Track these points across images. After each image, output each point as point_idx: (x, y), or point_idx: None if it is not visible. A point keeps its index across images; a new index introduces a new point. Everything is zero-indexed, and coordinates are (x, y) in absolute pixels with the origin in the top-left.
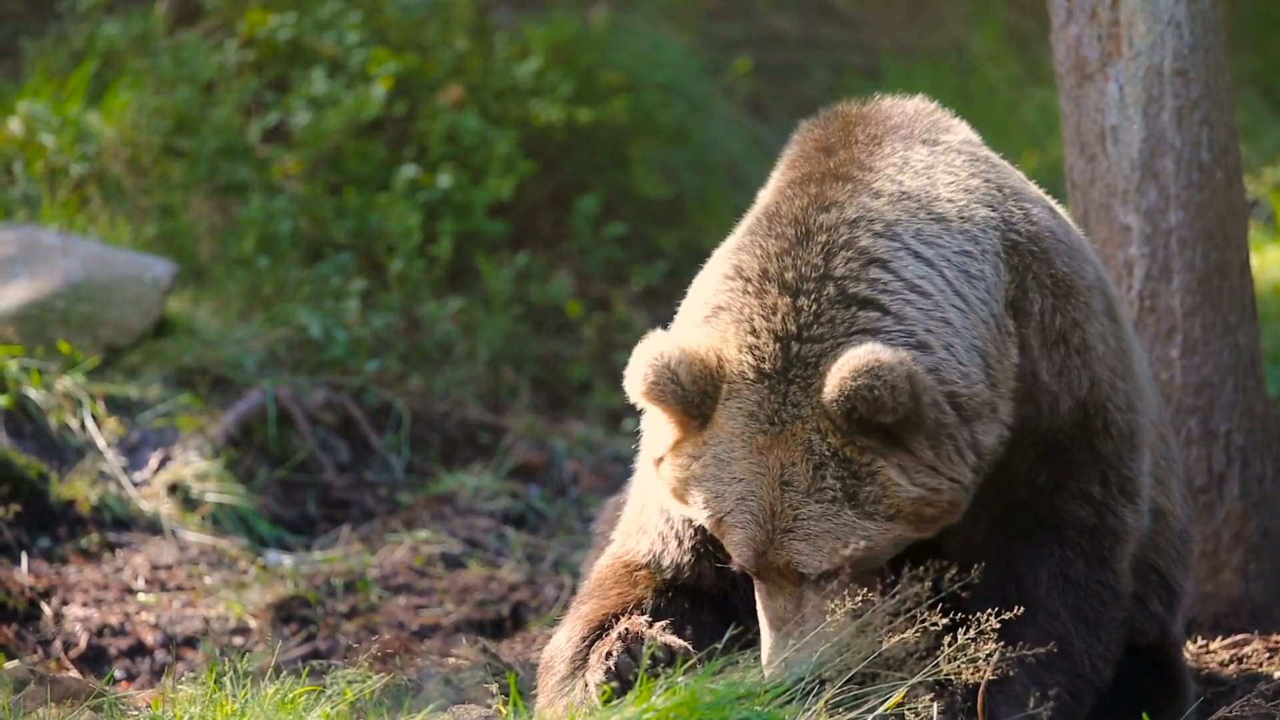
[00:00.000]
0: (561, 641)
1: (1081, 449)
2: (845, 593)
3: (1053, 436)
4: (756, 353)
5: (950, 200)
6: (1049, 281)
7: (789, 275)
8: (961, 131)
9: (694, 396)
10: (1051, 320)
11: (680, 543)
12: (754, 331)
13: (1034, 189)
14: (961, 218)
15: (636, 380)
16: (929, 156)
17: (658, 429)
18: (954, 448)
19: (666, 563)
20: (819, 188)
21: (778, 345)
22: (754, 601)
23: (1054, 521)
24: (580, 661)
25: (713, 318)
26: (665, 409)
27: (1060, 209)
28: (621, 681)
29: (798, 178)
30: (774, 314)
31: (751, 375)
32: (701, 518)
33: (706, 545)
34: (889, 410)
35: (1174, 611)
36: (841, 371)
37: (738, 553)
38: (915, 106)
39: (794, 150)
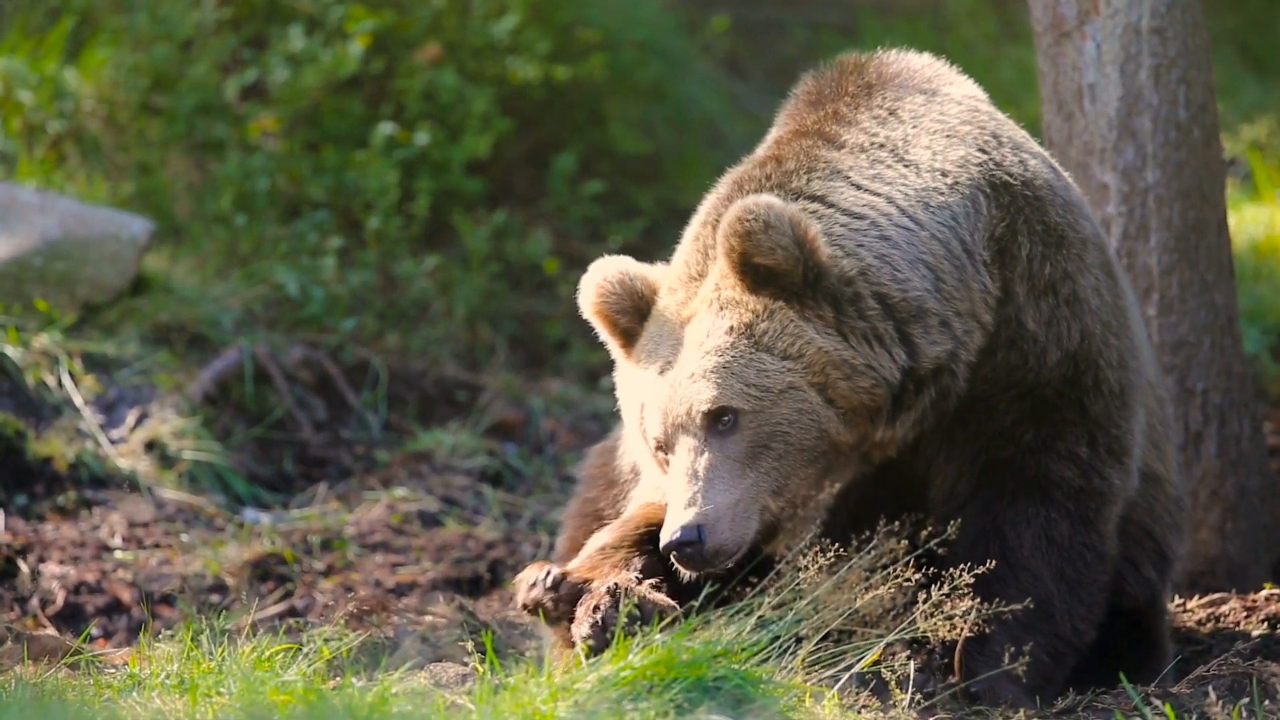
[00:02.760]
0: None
1: (1071, 407)
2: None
3: (1041, 391)
4: (686, 264)
5: (928, 146)
6: (1040, 229)
7: None
8: (966, 86)
9: (629, 313)
10: (1040, 268)
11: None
12: (685, 256)
13: (1037, 145)
14: (935, 158)
15: (584, 299)
16: (922, 106)
17: (612, 353)
18: (871, 331)
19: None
20: (792, 145)
21: (701, 255)
22: None
23: (1040, 482)
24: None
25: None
26: (607, 324)
27: (1059, 168)
28: (606, 636)
29: (784, 135)
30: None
31: (677, 281)
32: (638, 423)
33: None
34: (766, 250)
35: (1166, 578)
36: (729, 215)
37: (651, 430)
38: (918, 60)
39: (789, 104)
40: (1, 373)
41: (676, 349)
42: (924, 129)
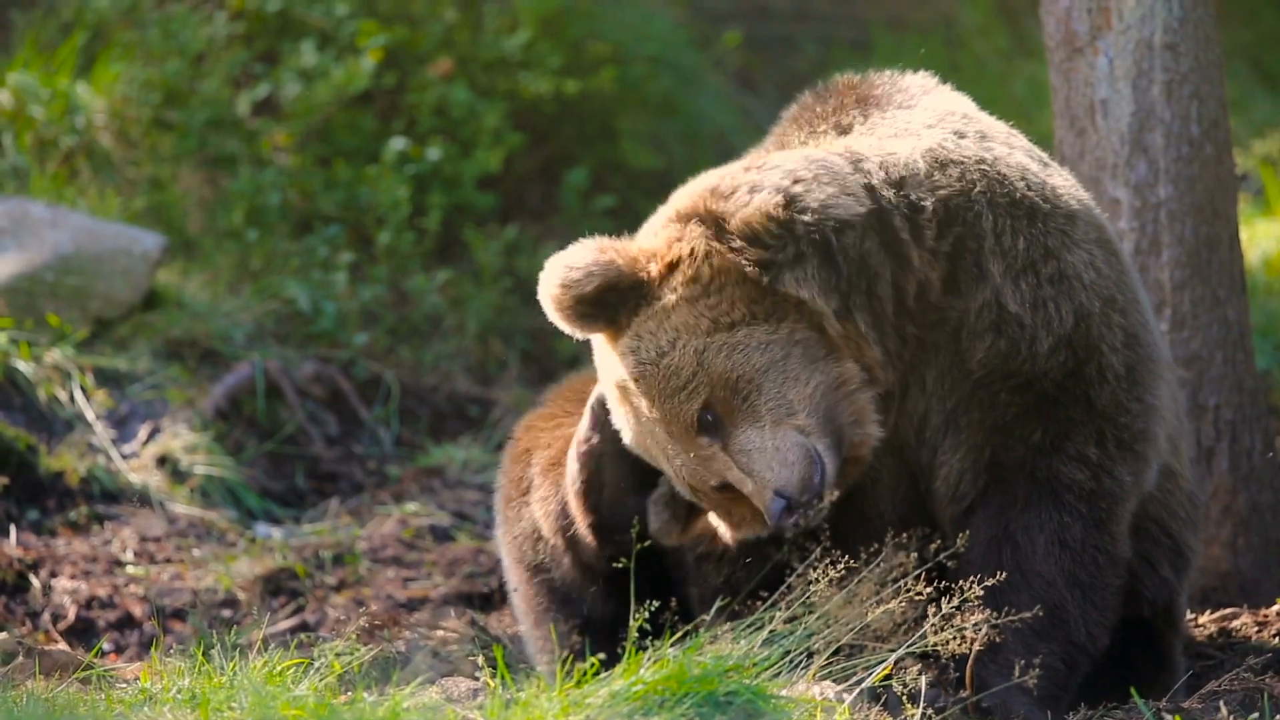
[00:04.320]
0: None
1: (1076, 403)
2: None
3: (1040, 384)
4: None
5: (879, 142)
6: (1004, 200)
7: None
8: (947, 97)
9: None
10: (1013, 243)
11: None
12: None
13: (1017, 140)
14: (881, 146)
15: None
16: (892, 116)
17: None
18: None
19: None
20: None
21: None
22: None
23: (1051, 485)
24: None
25: None
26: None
27: (1054, 164)
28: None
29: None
30: None
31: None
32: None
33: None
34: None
35: (1183, 578)
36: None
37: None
38: (907, 79)
39: (777, 127)
40: (13, 387)
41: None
42: (880, 135)
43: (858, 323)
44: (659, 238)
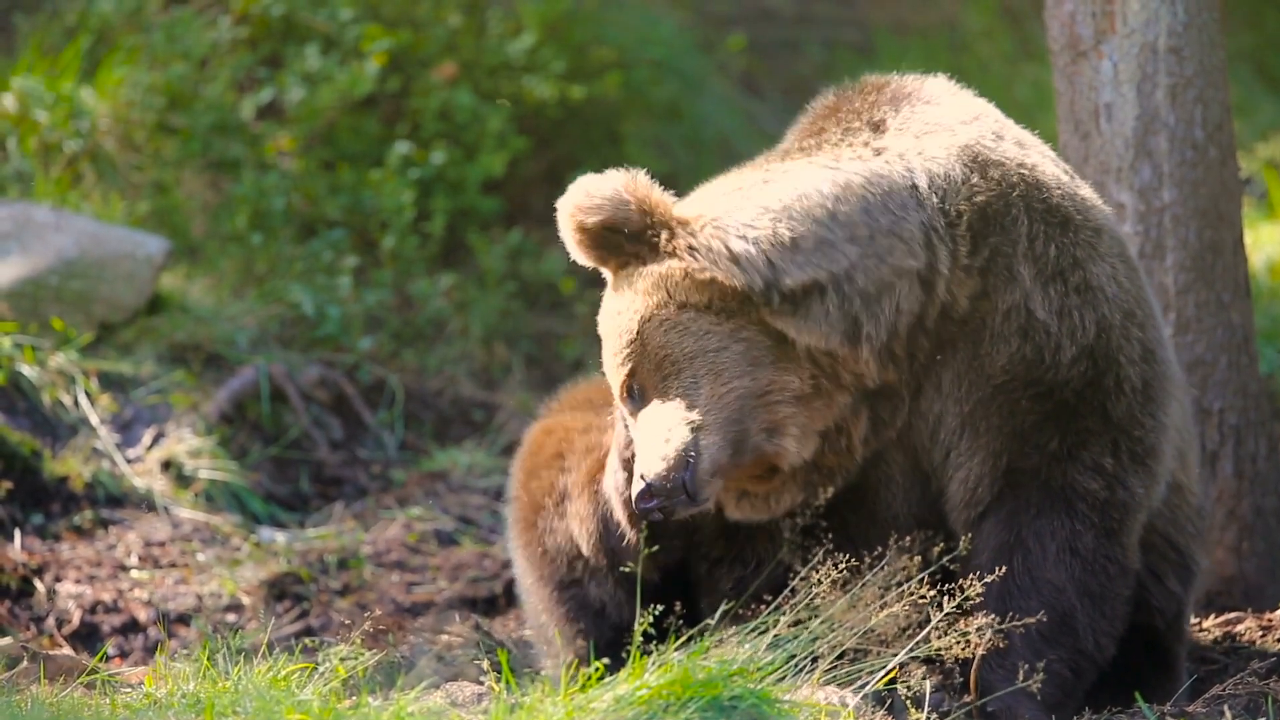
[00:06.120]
0: None
1: (1093, 414)
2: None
3: (1060, 393)
4: None
5: (915, 138)
6: (1040, 207)
7: None
8: (975, 101)
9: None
10: (1045, 249)
11: None
12: None
13: (1047, 149)
14: (909, 154)
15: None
16: (921, 111)
17: None
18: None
19: None
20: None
21: None
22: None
23: (1065, 494)
24: None
25: None
26: None
27: (1078, 177)
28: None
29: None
30: None
31: None
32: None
33: None
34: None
35: (1190, 591)
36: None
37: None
38: (935, 82)
39: (804, 117)
40: (18, 392)
41: None
42: (914, 131)
43: (860, 352)
44: (703, 205)
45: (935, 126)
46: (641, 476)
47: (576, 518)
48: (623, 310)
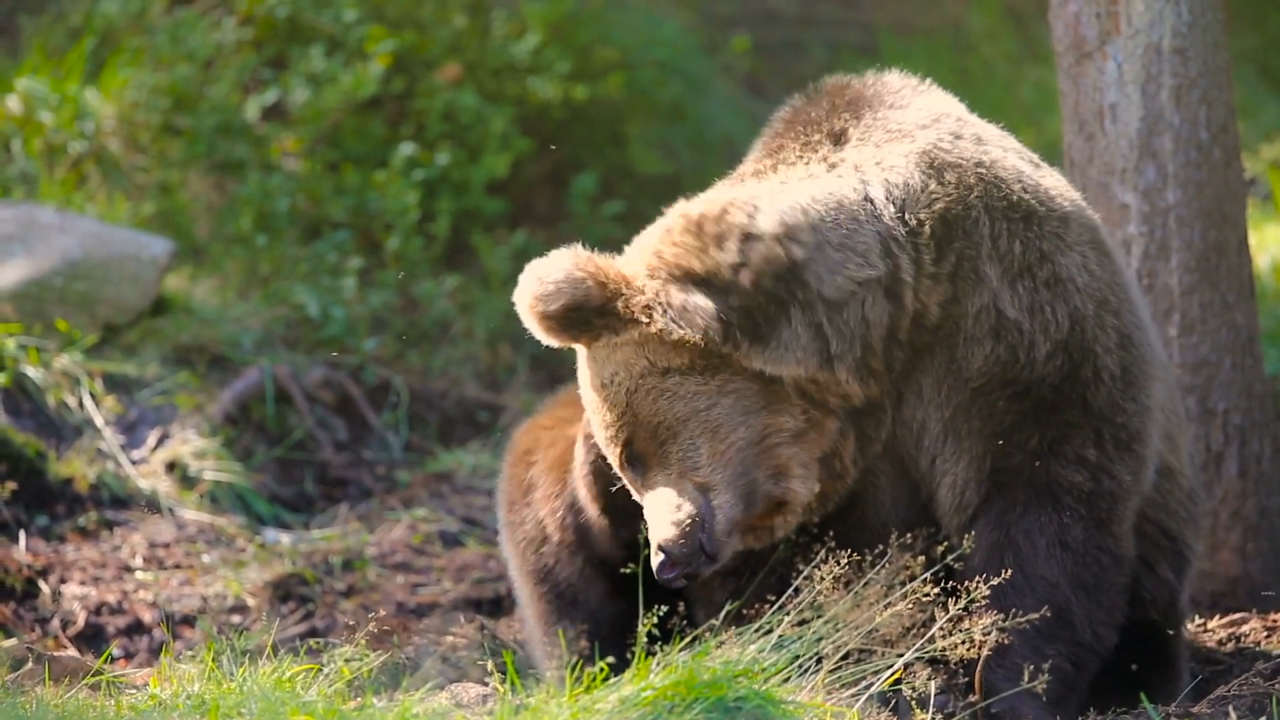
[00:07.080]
0: None
1: (1073, 407)
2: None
3: (1038, 389)
4: None
5: (875, 150)
6: (1000, 204)
7: None
8: (938, 99)
9: None
10: (1009, 246)
11: None
12: None
13: (1009, 142)
14: (865, 165)
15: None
16: (883, 116)
17: None
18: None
19: None
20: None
21: None
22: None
23: (1050, 488)
24: None
25: None
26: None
27: (1045, 165)
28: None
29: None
30: None
31: None
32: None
33: None
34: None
35: (1184, 577)
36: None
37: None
38: (896, 80)
39: (768, 129)
40: (22, 393)
41: None
42: (875, 140)
43: (837, 373)
44: (642, 258)
45: (895, 133)
46: (660, 548)
47: (543, 501)
48: (607, 383)
